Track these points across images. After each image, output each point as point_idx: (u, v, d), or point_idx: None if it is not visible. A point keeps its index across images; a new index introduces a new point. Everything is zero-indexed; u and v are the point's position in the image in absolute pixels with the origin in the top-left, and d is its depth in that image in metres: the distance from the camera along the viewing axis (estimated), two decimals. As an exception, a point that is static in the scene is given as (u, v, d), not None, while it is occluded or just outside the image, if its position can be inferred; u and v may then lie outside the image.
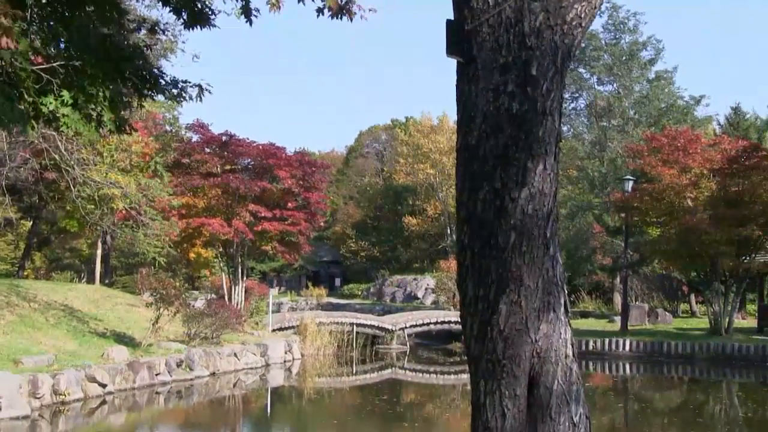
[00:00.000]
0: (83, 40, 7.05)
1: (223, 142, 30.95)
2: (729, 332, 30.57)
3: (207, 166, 30.89)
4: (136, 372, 19.70)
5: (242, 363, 24.62)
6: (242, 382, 23.37)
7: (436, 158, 65.59)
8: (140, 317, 24.63)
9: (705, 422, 18.65)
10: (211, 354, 23.15)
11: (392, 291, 58.86)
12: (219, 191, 30.50)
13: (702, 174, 31.70)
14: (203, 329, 24.00)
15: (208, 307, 25.29)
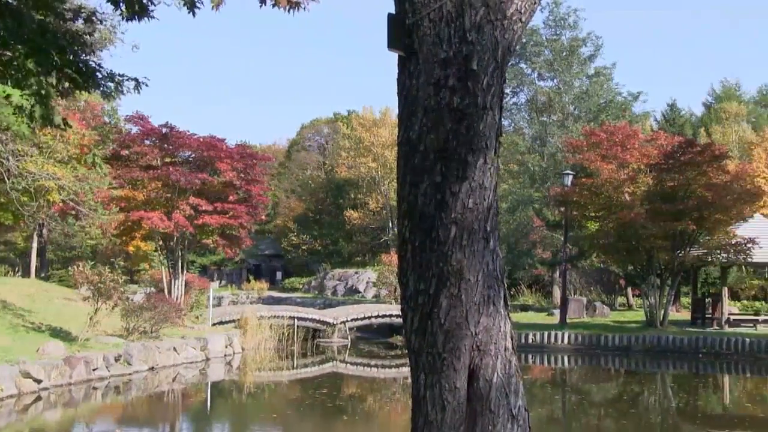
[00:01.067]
0: (17, 28, 6.89)
1: (163, 134, 30.61)
2: (664, 325, 31.06)
3: (147, 159, 30.53)
4: (72, 367, 19.41)
5: (182, 357, 24.42)
6: (182, 376, 23.17)
7: (378, 152, 65.65)
8: (77, 311, 24.27)
9: (640, 413, 18.95)
10: (150, 348, 22.91)
11: (334, 284, 58.87)
12: (159, 184, 30.16)
13: (639, 169, 32.12)
14: (142, 323, 23.75)
15: (147, 301, 25.02)
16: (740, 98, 74.86)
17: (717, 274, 39.59)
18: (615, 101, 51.49)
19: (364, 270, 59.36)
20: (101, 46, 30.08)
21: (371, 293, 53.81)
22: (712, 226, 30.64)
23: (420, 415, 4.24)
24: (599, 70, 51.97)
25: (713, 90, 78.65)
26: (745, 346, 27.33)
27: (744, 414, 19.21)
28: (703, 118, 72.17)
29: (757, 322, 32.53)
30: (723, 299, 32.74)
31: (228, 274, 71.60)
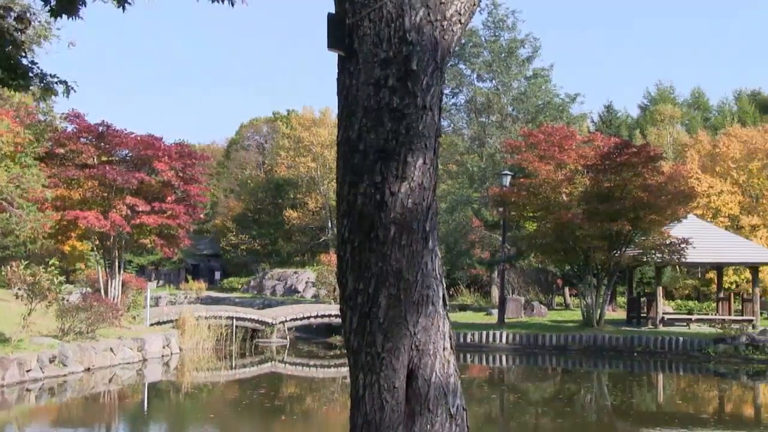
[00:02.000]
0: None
1: (99, 132, 30.16)
2: (600, 324, 31.44)
3: (83, 157, 30.05)
4: (5, 369, 19.06)
5: (119, 358, 24.12)
6: (118, 377, 22.89)
7: (317, 151, 65.64)
8: (10, 312, 23.83)
9: (576, 411, 19.17)
10: (86, 349, 22.59)
11: (273, 284, 58.66)
12: (95, 183, 29.71)
13: (576, 170, 32.45)
14: (78, 324, 23.40)
15: (83, 301, 24.65)
16: (674, 100, 76.16)
17: (652, 273, 40.19)
18: (553, 102, 52.00)
19: (304, 270, 59.26)
20: (36, 42, 29.57)
21: (310, 293, 53.72)
22: (648, 227, 31.07)
23: (359, 415, 4.24)
24: (537, 71, 52.50)
25: (648, 92, 79.95)
26: (678, 344, 27.78)
27: (676, 411, 19.53)
28: (638, 120, 73.33)
29: (690, 321, 33.09)
30: (658, 299, 33.23)
31: (166, 274, 70.95)
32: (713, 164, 52.97)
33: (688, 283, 49.91)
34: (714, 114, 76.35)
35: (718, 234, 35.78)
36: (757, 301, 33.03)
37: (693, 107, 77.57)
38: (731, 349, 26.87)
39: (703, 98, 79.68)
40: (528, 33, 52.70)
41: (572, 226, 30.01)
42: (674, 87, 79.75)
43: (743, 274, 44.77)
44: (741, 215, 50.18)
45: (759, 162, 49.23)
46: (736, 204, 50.37)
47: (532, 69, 52.60)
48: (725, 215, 49.57)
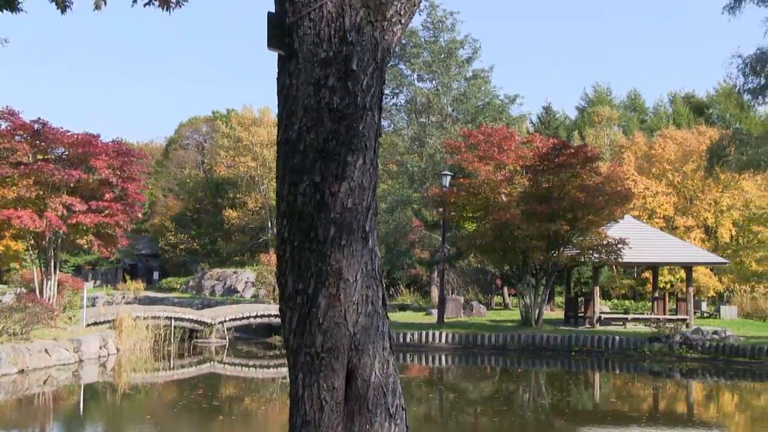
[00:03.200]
0: None
1: (35, 130, 29.64)
2: (539, 324, 31.73)
3: (17, 155, 29.52)
4: (-63, 370, 18.69)
5: (54, 359, 23.75)
6: (54, 378, 22.53)
7: (257, 151, 65.36)
8: (-58, 313, 23.36)
9: (514, 410, 19.31)
10: (20, 350, 22.22)
11: (212, 284, 58.24)
12: (30, 181, 29.18)
13: (516, 170, 32.70)
14: (12, 325, 23.00)
15: (17, 302, 24.26)
16: (611, 102, 77.22)
17: (589, 273, 40.72)
18: (492, 103, 52.38)
19: (243, 270, 58.94)
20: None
21: (250, 293, 53.46)
22: (585, 227, 31.42)
23: (298, 415, 4.23)
24: (477, 72, 52.84)
25: (586, 94, 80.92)
26: (615, 343, 28.14)
27: (611, 409, 19.78)
28: (576, 121, 74.20)
29: (626, 321, 33.57)
30: (595, 298, 33.65)
31: (103, 273, 70.04)
32: (649, 165, 53.81)
33: (625, 283, 50.66)
34: (650, 116, 77.57)
35: (653, 234, 36.33)
36: (690, 300, 33.61)
37: (629, 109, 78.71)
38: (666, 347, 27.29)
39: (640, 100, 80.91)
40: (467, 34, 53.12)
41: (511, 227, 30.22)
42: (611, 89, 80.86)
43: (678, 273, 45.53)
44: (676, 216, 51.06)
45: (693, 164, 50.09)
46: (671, 205, 51.24)
47: (472, 70, 52.97)
48: (660, 216, 50.40)
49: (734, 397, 22.32)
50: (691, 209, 51.64)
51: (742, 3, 28.81)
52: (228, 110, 79.32)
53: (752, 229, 49.08)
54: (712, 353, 26.73)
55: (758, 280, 46.36)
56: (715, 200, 51.11)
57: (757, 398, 22.11)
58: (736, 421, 18.85)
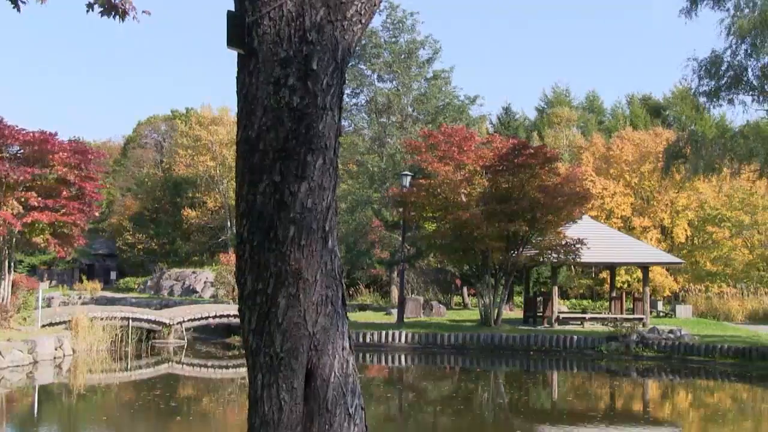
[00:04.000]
0: None
1: (-11, 128, 29.28)
2: (498, 323, 31.87)
3: (-30, 153, 29.16)
4: None
5: (7, 360, 23.44)
6: (7, 380, 22.24)
7: (217, 150, 65.05)
8: None
9: (473, 409, 19.39)
10: (-26, 352, 21.93)
11: (170, 284, 57.88)
12: (-16, 180, 28.84)
13: (475, 171, 32.78)
14: (-34, 325, 22.71)
15: (-29, 302, 23.95)
16: (570, 103, 77.74)
17: (548, 273, 40.96)
18: (453, 104, 52.57)
19: (202, 270, 58.64)
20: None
21: (209, 293, 53.18)
22: (544, 227, 31.61)
23: (257, 416, 4.22)
24: (437, 73, 53.03)
25: (545, 95, 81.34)
26: (573, 342, 28.34)
27: (568, 408, 19.94)
28: (536, 122, 74.59)
29: (584, 320, 33.82)
30: (553, 298, 33.86)
31: (59, 274, 69.31)
32: (607, 166, 54.26)
33: (583, 283, 51.06)
34: (608, 117, 78.16)
35: (611, 235, 36.64)
36: (647, 300, 33.93)
37: (588, 110, 79.23)
38: (622, 346, 27.55)
39: (598, 102, 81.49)
40: (428, 35, 53.21)
41: (471, 227, 30.31)
42: (570, 90, 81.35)
43: (635, 273, 45.99)
44: (633, 216, 51.55)
45: (650, 165, 50.58)
46: (628, 205, 51.72)
47: (432, 71, 53.17)
48: (618, 216, 50.85)
49: (688, 395, 22.58)
50: (648, 210, 52.17)
51: (698, 6, 29.14)
52: (187, 109, 78.87)
53: (707, 229, 49.68)
54: (668, 352, 27.04)
55: (712, 279, 46.95)
56: (671, 201, 51.68)
57: (710, 396, 22.38)
58: (689, 419, 19.08)
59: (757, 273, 45.18)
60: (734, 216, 46.02)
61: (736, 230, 46.48)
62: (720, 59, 28.69)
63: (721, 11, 28.87)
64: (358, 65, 51.34)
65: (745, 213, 45.65)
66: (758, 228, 45.16)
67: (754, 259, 45.54)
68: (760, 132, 29.00)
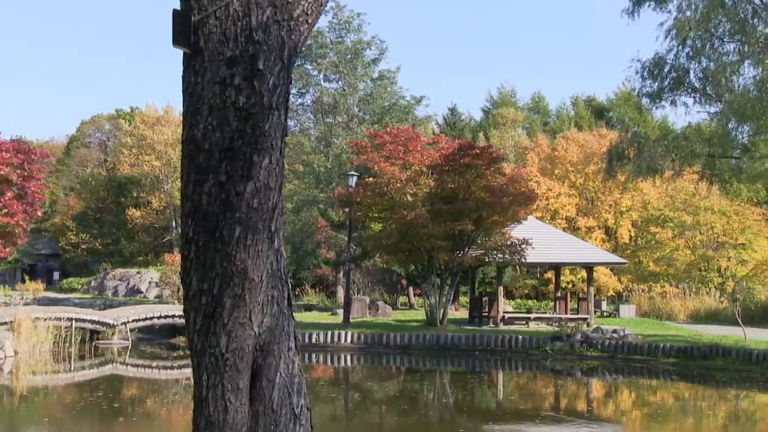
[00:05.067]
0: None
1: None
2: (443, 323, 31.98)
3: None
4: None
5: (-53, 362, 23.06)
6: (-53, 382, 21.88)
7: (162, 150, 64.61)
8: None
9: (419, 409, 19.45)
10: None
11: (115, 285, 57.33)
12: None
13: (421, 171, 32.86)
14: None
15: None
16: (516, 104, 78.33)
17: (494, 274, 41.23)
18: (399, 104, 52.73)
19: (147, 270, 58.17)
20: None
21: (154, 293, 52.76)
22: (490, 227, 31.79)
23: (201, 416, 4.20)
24: (383, 73, 53.15)
25: (491, 96, 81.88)
26: (518, 342, 28.54)
27: (512, 407, 20.10)
28: (481, 123, 75.09)
29: (529, 320, 34.08)
30: (499, 298, 34.09)
31: (1, 274, 68.28)
32: (552, 167, 54.77)
33: (528, 283, 51.49)
34: (553, 118, 78.92)
35: (556, 235, 36.99)
36: (591, 300, 34.31)
37: (533, 111, 79.96)
38: (567, 346, 27.82)
39: (543, 103, 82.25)
40: (374, 35, 53.43)
41: (417, 226, 30.38)
42: (516, 91, 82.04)
43: (579, 273, 46.47)
44: (578, 217, 52.12)
45: (595, 166, 51.13)
46: (573, 206, 52.27)
47: (378, 71, 53.28)
48: (563, 217, 51.38)
49: (631, 394, 22.87)
50: (593, 210, 52.76)
51: (641, 7, 29.49)
52: (132, 108, 78.23)
53: (650, 230, 50.36)
54: (612, 352, 27.37)
55: (655, 279, 47.59)
56: (616, 202, 52.32)
57: (652, 395, 22.69)
58: (632, 418, 19.33)
59: (698, 273, 45.87)
60: (677, 217, 46.68)
61: (678, 231, 47.15)
62: (663, 61, 29.06)
63: (663, 13, 29.26)
64: (305, 65, 51.32)
65: (687, 214, 46.33)
66: (700, 228, 45.84)
67: (695, 260, 46.24)
68: (701, 134, 29.45)
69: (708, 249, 45.71)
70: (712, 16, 27.37)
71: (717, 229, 45.43)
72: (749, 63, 28.24)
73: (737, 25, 27.29)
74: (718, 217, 45.37)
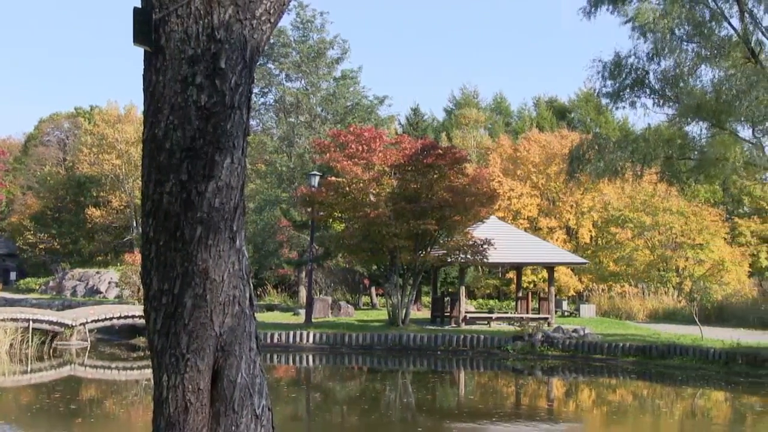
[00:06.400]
0: None
1: None
2: (405, 323, 32.02)
3: None
4: None
5: None
6: None
7: (122, 149, 64.12)
8: None
9: (380, 408, 19.47)
10: None
11: (73, 285, 56.79)
12: None
13: (384, 171, 32.87)
14: None
15: None
16: (478, 105, 78.56)
17: (456, 273, 41.36)
18: (361, 104, 52.77)
19: (107, 270, 57.67)
20: None
21: (114, 293, 52.33)
22: (452, 227, 31.87)
23: (162, 417, 4.17)
24: (346, 73, 53.15)
25: (454, 96, 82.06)
26: (479, 342, 28.65)
27: (473, 406, 20.17)
28: (444, 123, 75.26)
29: (491, 320, 34.22)
30: (461, 298, 34.17)
31: (-45, 274, 67.50)
32: (514, 168, 55.01)
33: (490, 283, 51.69)
34: (515, 119, 79.25)
35: (518, 235, 37.17)
36: (552, 299, 34.53)
37: (495, 112, 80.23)
38: (528, 346, 27.97)
39: (505, 104, 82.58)
40: (336, 34, 53.31)
41: (379, 226, 30.40)
42: (478, 92, 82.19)
43: (541, 273, 46.73)
44: (539, 217, 52.39)
45: (556, 166, 51.41)
46: (534, 206, 52.53)
47: (341, 70, 53.33)
48: (525, 217, 51.61)
49: (591, 392, 23.06)
50: (554, 211, 53.05)
51: (598, 9, 29.72)
52: (92, 107, 77.51)
53: (610, 230, 50.73)
54: (572, 351, 27.57)
55: (615, 279, 48.00)
56: (577, 202, 52.65)
57: (611, 393, 22.89)
58: (592, 416, 19.49)
59: (657, 273, 46.32)
60: (636, 217, 47.10)
61: (638, 231, 47.57)
62: (623, 62, 29.29)
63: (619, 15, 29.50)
64: (267, 64, 51.17)
65: (646, 214, 46.77)
66: (659, 229, 46.29)
67: (654, 260, 46.69)
68: (660, 135, 29.68)
69: (666, 249, 46.17)
70: (670, 19, 27.66)
71: (675, 230, 45.92)
72: (706, 65, 28.59)
73: (695, 27, 27.61)
74: (676, 218, 45.87)
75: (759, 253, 51.91)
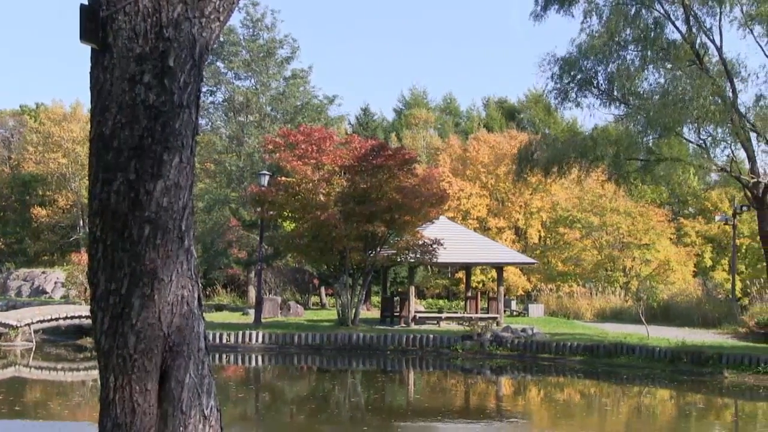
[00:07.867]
0: None
1: None
2: (355, 323, 32.02)
3: None
4: None
5: None
6: None
7: (69, 147, 63.36)
8: None
9: (330, 408, 19.46)
10: None
11: (18, 285, 55.99)
12: None
13: (334, 171, 32.82)
14: None
15: None
16: (428, 105, 78.84)
17: (405, 273, 41.43)
18: (311, 104, 52.72)
19: (53, 270, 56.92)
20: None
21: (60, 294, 51.69)
22: (402, 228, 31.91)
23: (109, 419, 4.14)
24: (296, 72, 53.05)
25: (403, 97, 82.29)
26: (429, 341, 28.72)
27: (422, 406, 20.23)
28: (394, 123, 75.41)
29: (440, 319, 34.32)
30: (410, 298, 34.26)
31: None
32: (464, 168, 55.30)
33: (439, 283, 51.93)
34: (464, 119, 79.63)
35: (467, 235, 37.34)
36: (501, 299, 34.74)
37: (445, 112, 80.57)
38: (477, 345, 28.10)
39: (455, 104, 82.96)
40: (287, 34, 53.33)
41: (329, 227, 30.36)
42: (427, 92, 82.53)
43: (490, 273, 47.03)
44: (489, 217, 52.73)
45: (505, 167, 51.74)
46: (484, 206, 52.85)
47: (291, 70, 53.18)
48: (474, 217, 51.91)
49: (539, 391, 23.24)
50: (503, 211, 53.43)
51: (547, 11, 30.05)
52: (37, 104, 76.49)
53: (559, 230, 51.22)
54: (521, 350, 27.75)
55: (563, 279, 48.46)
56: (526, 202, 53.07)
57: (559, 392, 23.10)
58: (539, 414, 19.64)
59: (604, 273, 46.86)
60: (584, 218, 47.61)
61: (586, 231, 48.09)
62: (570, 62, 29.60)
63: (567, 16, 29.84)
64: (216, 63, 50.90)
65: (594, 215, 47.29)
66: (606, 229, 46.83)
67: (602, 260, 47.23)
68: (608, 135, 30.03)
69: (614, 249, 46.74)
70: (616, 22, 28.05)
71: (622, 230, 46.48)
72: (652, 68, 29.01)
73: (640, 31, 28.01)
74: (623, 218, 46.44)
75: (704, 253, 52.78)
